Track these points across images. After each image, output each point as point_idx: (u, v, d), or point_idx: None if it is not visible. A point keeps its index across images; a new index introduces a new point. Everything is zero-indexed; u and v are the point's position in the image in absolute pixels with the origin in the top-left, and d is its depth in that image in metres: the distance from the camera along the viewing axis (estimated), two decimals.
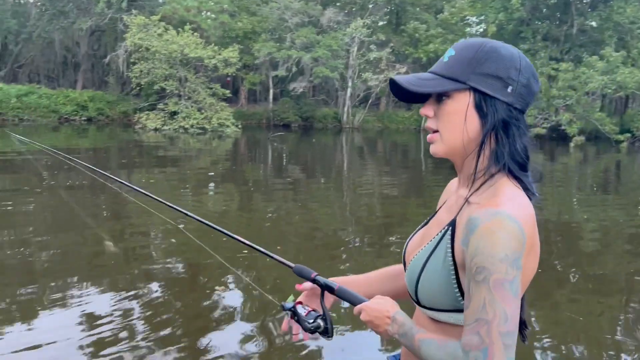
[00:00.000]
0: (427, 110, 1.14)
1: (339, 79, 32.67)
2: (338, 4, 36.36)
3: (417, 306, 1.22)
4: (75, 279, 4.88)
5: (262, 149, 20.29)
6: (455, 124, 1.10)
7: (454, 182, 1.32)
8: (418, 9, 36.85)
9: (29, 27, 33.14)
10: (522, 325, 1.19)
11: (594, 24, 30.52)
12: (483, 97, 1.08)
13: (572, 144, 25.46)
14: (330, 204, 9.49)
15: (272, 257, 1.52)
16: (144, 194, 1.95)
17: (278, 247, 6.12)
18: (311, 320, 1.30)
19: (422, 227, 1.31)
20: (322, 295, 1.34)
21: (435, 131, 1.13)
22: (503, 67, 1.08)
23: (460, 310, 1.08)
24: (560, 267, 5.97)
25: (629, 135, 26.44)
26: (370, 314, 1.19)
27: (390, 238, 7.00)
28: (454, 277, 1.08)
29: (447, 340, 1.06)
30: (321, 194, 10.57)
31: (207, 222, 1.69)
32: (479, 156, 1.10)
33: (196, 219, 1.73)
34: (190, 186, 10.77)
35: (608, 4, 29.45)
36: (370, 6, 33.73)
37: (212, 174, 12.90)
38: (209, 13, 32.26)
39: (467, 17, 35.97)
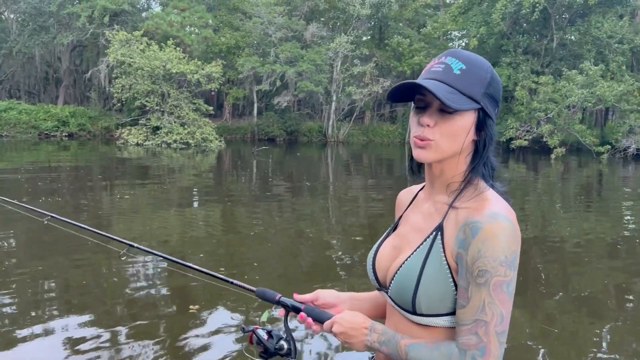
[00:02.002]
0: (429, 120, 1.14)
1: (323, 93, 32.73)
2: (322, 19, 36.57)
3: (400, 317, 1.21)
4: (57, 305, 4.69)
5: (245, 163, 20.13)
6: (458, 138, 1.14)
7: (406, 193, 1.39)
8: (401, 24, 37.20)
9: (10, 42, 32.78)
10: None
11: (573, 38, 31.04)
12: (484, 116, 1.15)
13: (553, 156, 25.71)
14: (315, 219, 9.37)
15: (232, 283, 1.47)
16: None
17: (255, 264, 5.98)
18: (274, 342, 1.29)
19: (385, 239, 1.32)
20: (286, 316, 1.34)
21: (429, 139, 1.14)
22: (498, 90, 1.17)
23: None
24: (544, 279, 5.91)
25: (609, 147, 26.80)
26: (344, 325, 1.20)
27: None
28: (452, 280, 1.11)
29: (438, 342, 1.10)
30: (306, 209, 10.45)
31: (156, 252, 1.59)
32: (473, 167, 1.17)
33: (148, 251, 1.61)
34: (169, 202, 10.57)
35: (586, 19, 30.00)
36: (354, 22, 33.94)
37: (194, 188, 12.71)
38: (192, 28, 32.24)
39: (450, 32, 36.40)
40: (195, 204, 10.65)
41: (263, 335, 1.30)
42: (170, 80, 27.09)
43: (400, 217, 1.35)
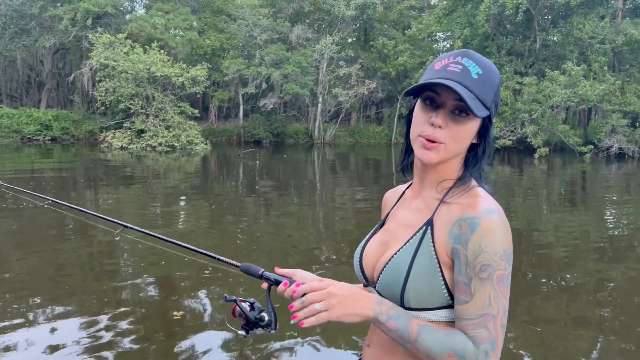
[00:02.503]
0: (441, 121, 1.13)
1: (309, 95, 32.73)
2: (307, 21, 36.60)
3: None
4: (40, 300, 4.60)
5: (232, 166, 20.03)
6: (465, 141, 1.16)
7: (393, 192, 1.40)
8: (386, 25, 37.36)
9: None
10: None
11: (555, 39, 31.40)
12: (488, 122, 1.18)
13: (536, 155, 25.92)
14: (303, 219, 9.33)
15: (217, 259, 1.53)
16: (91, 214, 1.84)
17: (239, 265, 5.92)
18: (256, 314, 1.32)
19: (372, 235, 1.32)
20: (269, 289, 1.36)
21: (440, 142, 1.14)
22: (499, 96, 1.19)
23: (446, 307, 1.12)
24: (527, 276, 5.93)
25: (592, 147, 27.12)
26: (344, 288, 1.11)
27: None
28: (440, 274, 1.11)
29: (452, 330, 1.08)
30: (292, 209, 10.40)
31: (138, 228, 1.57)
32: (470, 171, 1.20)
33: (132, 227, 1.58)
34: (155, 204, 10.46)
35: (568, 20, 30.37)
36: (339, 23, 34.01)
37: (179, 191, 12.60)
38: (176, 30, 32.05)
39: (434, 33, 36.62)
40: (181, 205, 10.55)
41: (246, 307, 1.33)
42: (154, 83, 26.89)
43: (388, 214, 1.35)
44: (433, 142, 1.14)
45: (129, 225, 1.89)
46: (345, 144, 34.52)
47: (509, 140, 27.91)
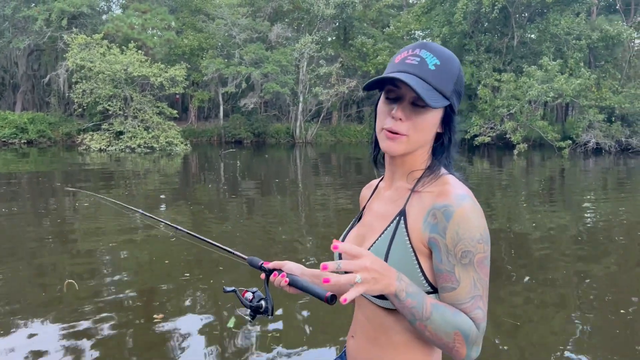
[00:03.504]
0: (402, 114, 1.15)
1: (289, 94, 32.61)
2: (286, 20, 36.47)
3: (369, 305, 1.23)
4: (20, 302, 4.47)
5: (212, 166, 19.86)
6: (427, 132, 1.18)
7: (368, 188, 1.45)
8: (365, 24, 37.43)
9: None
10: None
11: (533, 36, 31.79)
12: (450, 111, 1.19)
13: (515, 152, 26.21)
14: (285, 216, 9.27)
15: (228, 251, 1.69)
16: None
17: (221, 268, 5.85)
18: (255, 302, 1.45)
19: (350, 229, 1.36)
20: (266, 279, 1.48)
21: (403, 134, 1.16)
22: (463, 85, 1.21)
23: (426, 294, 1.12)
24: (507, 271, 5.96)
25: (569, 142, 27.53)
26: (379, 264, 1.04)
27: None
28: (416, 262, 1.14)
29: (456, 309, 1.10)
30: (275, 208, 10.34)
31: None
32: (438, 160, 1.23)
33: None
34: (138, 207, 10.29)
35: (544, 17, 30.78)
36: (318, 22, 33.96)
37: (159, 193, 12.44)
38: (154, 30, 31.66)
39: (413, 31, 36.80)
40: (162, 208, 10.40)
41: (249, 296, 1.47)
42: (132, 83, 26.52)
43: (364, 208, 1.39)
44: (396, 134, 1.16)
45: (179, 227, 2.12)
46: (327, 143, 34.51)
47: (488, 137, 28.19)
